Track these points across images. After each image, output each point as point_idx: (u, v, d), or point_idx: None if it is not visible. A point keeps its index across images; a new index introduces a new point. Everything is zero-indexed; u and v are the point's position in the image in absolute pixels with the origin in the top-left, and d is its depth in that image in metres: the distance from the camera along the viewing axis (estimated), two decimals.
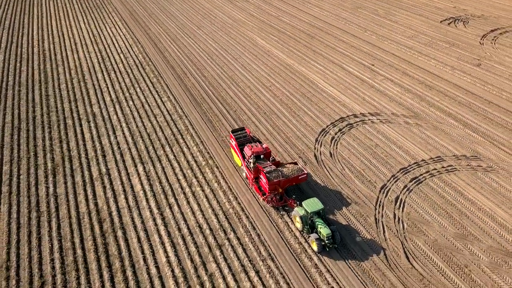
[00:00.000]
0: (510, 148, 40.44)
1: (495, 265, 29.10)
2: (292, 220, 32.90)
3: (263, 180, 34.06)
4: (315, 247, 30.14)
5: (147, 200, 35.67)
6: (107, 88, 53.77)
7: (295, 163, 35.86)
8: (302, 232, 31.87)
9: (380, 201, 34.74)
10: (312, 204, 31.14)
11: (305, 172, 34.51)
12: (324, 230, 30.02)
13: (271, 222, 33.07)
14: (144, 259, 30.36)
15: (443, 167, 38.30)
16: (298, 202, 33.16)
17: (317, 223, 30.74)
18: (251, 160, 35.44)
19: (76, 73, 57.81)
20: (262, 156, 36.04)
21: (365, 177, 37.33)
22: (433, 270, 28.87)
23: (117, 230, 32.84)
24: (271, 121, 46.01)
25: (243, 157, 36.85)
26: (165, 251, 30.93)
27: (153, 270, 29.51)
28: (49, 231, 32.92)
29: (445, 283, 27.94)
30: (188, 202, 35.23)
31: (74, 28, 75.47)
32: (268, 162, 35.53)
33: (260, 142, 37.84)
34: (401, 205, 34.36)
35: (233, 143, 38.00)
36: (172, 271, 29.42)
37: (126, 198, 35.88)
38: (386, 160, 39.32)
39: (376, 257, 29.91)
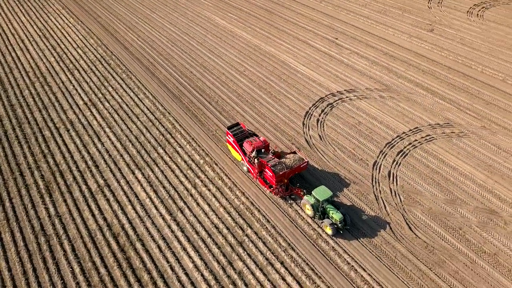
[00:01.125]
0: (474, 112, 44.99)
1: (483, 223, 33.55)
2: (301, 208, 35.10)
3: (269, 173, 35.62)
4: (329, 231, 32.75)
5: (155, 207, 36.02)
6: (76, 90, 51.23)
7: (294, 153, 37.65)
8: (313, 218, 34.26)
9: (375, 178, 37.85)
10: (322, 192, 33.41)
11: (306, 160, 36.49)
12: (336, 215, 32.58)
13: (282, 212, 35.08)
14: (171, 268, 31.34)
15: (422, 137, 42.02)
16: (304, 191, 35.30)
17: (328, 209, 33.20)
18: (253, 155, 36.65)
19: (35, 76, 54.14)
20: (263, 150, 37.35)
21: (357, 156, 40.12)
22: (434, 236, 32.73)
23: (135, 243, 33.23)
24: (255, 109, 46.99)
25: (244, 152, 37.91)
26: (189, 257, 32.04)
27: (183, 277, 30.68)
28: (64, 254, 32.55)
29: (446, 246, 31.93)
30: (198, 204, 36.11)
31: (14, 22, 69.30)
32: (270, 155, 36.98)
33: (256, 136, 38.99)
34: (394, 179, 37.73)
35: (231, 139, 38.79)
36: (202, 275, 30.77)
37: (134, 208, 35.96)
38: (371, 137, 42.27)
39: (384, 231, 33.19)
